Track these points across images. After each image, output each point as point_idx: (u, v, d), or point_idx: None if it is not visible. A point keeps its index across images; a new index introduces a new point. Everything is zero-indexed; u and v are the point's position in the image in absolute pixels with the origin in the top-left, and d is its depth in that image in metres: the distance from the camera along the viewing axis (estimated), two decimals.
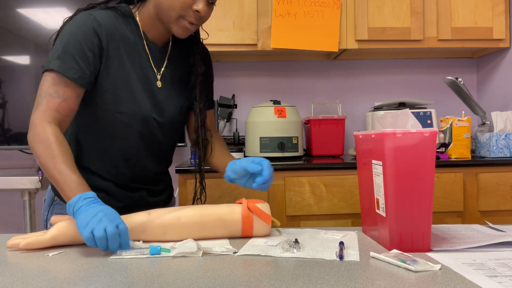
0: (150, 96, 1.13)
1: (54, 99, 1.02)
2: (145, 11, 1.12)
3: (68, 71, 1.02)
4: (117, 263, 0.80)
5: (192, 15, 1.05)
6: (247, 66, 2.46)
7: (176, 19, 1.06)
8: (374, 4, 2.11)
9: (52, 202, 1.20)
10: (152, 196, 1.23)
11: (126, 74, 1.09)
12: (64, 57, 1.02)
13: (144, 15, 1.12)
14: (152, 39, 1.14)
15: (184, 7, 1.04)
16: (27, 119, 1.02)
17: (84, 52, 1.03)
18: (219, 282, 0.68)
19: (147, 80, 1.13)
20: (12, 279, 0.71)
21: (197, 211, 0.97)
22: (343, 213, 1.81)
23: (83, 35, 1.04)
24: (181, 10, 1.04)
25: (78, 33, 1.04)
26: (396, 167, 0.83)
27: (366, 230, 1.01)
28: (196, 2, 1.04)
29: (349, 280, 0.69)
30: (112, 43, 1.07)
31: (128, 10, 1.12)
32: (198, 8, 1.04)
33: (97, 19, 1.06)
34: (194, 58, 1.20)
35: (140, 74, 1.11)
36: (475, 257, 0.80)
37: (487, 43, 2.17)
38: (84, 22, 1.05)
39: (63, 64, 1.02)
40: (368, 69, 2.50)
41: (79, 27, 1.04)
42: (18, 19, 2.09)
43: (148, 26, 1.12)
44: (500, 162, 1.84)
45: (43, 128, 0.99)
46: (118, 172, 1.16)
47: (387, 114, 0.95)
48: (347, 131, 2.39)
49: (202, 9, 1.05)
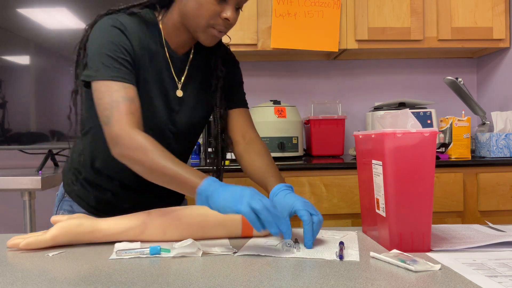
0: (167, 106, 1.10)
1: (123, 103, 0.97)
2: (169, 19, 1.09)
3: (119, 76, 0.99)
4: (117, 263, 0.80)
5: (221, 23, 1.03)
6: (247, 66, 2.46)
7: (205, 27, 1.03)
8: (374, 4, 2.12)
9: (63, 198, 1.20)
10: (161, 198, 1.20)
11: (146, 83, 1.06)
12: (107, 62, 0.99)
13: (168, 23, 1.09)
14: (174, 47, 1.11)
15: (212, 15, 1.01)
16: (27, 119, 1.01)
17: (122, 51, 1.01)
18: (219, 282, 0.68)
19: (166, 90, 1.10)
20: (12, 279, 0.71)
21: (197, 211, 0.96)
22: (343, 213, 1.81)
23: (115, 36, 1.01)
24: (210, 19, 1.01)
25: (108, 35, 1.01)
26: (396, 167, 0.83)
27: (366, 230, 1.01)
28: (225, 10, 1.01)
29: (349, 280, 0.69)
30: (137, 48, 1.05)
31: (152, 17, 1.09)
32: (227, 15, 1.01)
33: (124, 24, 1.03)
34: (215, 62, 1.17)
35: (159, 83, 1.09)
36: (475, 257, 0.80)
37: (487, 43, 2.17)
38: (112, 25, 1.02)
39: (110, 69, 0.99)
40: (368, 69, 2.50)
41: (108, 29, 1.01)
42: (18, 19, 2.09)
43: (171, 34, 1.10)
44: (500, 162, 1.84)
45: (130, 136, 0.94)
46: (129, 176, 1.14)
47: (387, 114, 0.95)
48: (347, 131, 2.39)
49: (231, 16, 1.02)
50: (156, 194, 1.20)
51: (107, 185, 1.16)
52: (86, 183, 1.16)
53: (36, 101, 2.10)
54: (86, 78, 1.01)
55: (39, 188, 1.82)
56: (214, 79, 1.16)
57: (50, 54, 2.11)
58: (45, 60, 2.12)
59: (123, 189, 1.16)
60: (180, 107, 1.13)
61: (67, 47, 2.11)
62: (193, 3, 1.01)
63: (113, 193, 1.16)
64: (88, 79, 1.00)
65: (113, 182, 1.16)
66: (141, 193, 1.18)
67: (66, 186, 1.20)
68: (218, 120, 1.17)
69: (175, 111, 1.12)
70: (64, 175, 1.22)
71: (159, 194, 1.21)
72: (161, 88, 1.10)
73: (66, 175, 1.21)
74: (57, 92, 2.09)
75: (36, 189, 1.83)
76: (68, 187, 1.19)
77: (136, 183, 1.17)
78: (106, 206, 1.15)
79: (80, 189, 1.17)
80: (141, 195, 1.18)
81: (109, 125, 0.96)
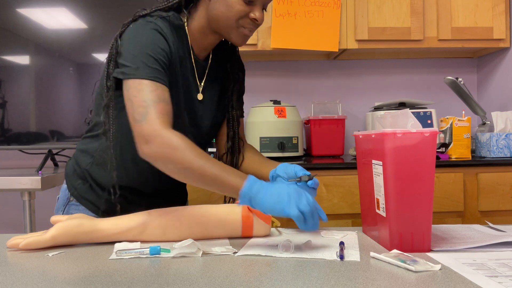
0: (190, 109, 1.12)
1: (159, 104, 0.96)
2: (196, 23, 1.10)
3: (157, 77, 0.98)
4: (117, 263, 0.80)
5: (250, 23, 1.05)
6: (247, 66, 2.44)
7: (236, 28, 1.05)
8: (374, 4, 2.12)
9: (68, 202, 1.17)
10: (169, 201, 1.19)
11: (177, 87, 1.07)
12: (149, 62, 0.98)
13: (194, 27, 1.10)
14: (197, 52, 1.13)
15: (242, 16, 1.03)
16: (27, 119, 1.01)
17: (162, 54, 1.00)
18: (219, 282, 0.68)
19: (190, 94, 1.12)
20: (12, 279, 0.71)
21: (197, 211, 0.97)
22: (343, 213, 1.81)
23: (157, 39, 1.01)
24: (239, 20, 1.04)
25: (151, 36, 1.01)
26: (396, 167, 0.83)
27: (366, 230, 1.01)
28: (253, 10, 1.04)
29: (349, 280, 0.69)
30: (172, 56, 1.05)
31: (180, 22, 1.09)
32: (256, 16, 1.04)
33: (162, 28, 1.03)
34: (232, 66, 1.20)
35: (185, 88, 1.10)
36: (475, 257, 0.80)
37: (487, 43, 2.17)
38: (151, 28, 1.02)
39: (151, 69, 0.98)
40: (368, 69, 2.50)
41: (149, 31, 1.01)
42: (18, 19, 2.09)
43: (196, 39, 1.11)
44: (500, 162, 1.84)
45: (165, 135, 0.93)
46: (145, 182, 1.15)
47: (387, 114, 0.95)
48: (347, 131, 2.39)
49: (259, 16, 1.04)
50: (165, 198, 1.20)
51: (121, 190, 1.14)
52: (98, 187, 1.14)
53: (36, 101, 2.10)
54: (121, 76, 0.98)
55: (39, 188, 1.82)
56: (231, 82, 1.20)
57: (50, 54, 2.11)
58: (45, 60, 2.12)
59: (136, 194, 1.16)
60: (201, 110, 1.15)
61: (67, 47, 2.11)
62: (222, 6, 1.03)
63: (125, 198, 1.14)
64: (123, 76, 0.98)
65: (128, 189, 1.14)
66: (152, 197, 1.18)
67: (72, 189, 1.17)
68: (235, 121, 1.21)
69: (199, 114, 1.15)
70: (68, 178, 1.19)
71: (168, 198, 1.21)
72: (187, 94, 1.11)
73: (72, 178, 1.18)
74: (57, 92, 2.09)
75: (36, 189, 1.83)
76: (75, 190, 1.16)
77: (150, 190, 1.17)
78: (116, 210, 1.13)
79: (90, 193, 1.15)
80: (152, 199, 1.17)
81: (141, 123, 0.94)
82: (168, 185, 1.19)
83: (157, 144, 0.92)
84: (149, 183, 1.16)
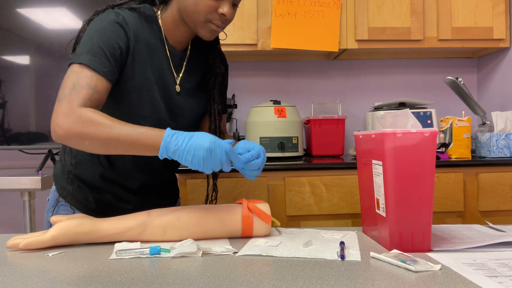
0: (167, 101, 1.12)
1: (86, 90, 0.97)
2: (169, 15, 1.11)
3: (99, 66, 0.99)
4: (117, 263, 0.80)
5: (218, 18, 1.06)
6: (247, 66, 2.46)
7: (203, 23, 1.05)
8: (374, 4, 2.11)
9: (57, 203, 1.19)
10: (159, 198, 1.22)
11: (147, 78, 1.08)
12: (94, 51, 0.99)
13: (167, 19, 1.11)
14: (173, 43, 1.13)
15: (209, 11, 1.04)
16: (27, 119, 1.01)
17: (114, 47, 1.01)
18: (219, 282, 0.68)
19: (166, 85, 1.12)
20: (12, 279, 0.71)
21: (197, 211, 0.96)
22: (343, 213, 1.81)
23: (113, 32, 1.02)
24: (207, 14, 1.04)
25: (107, 28, 1.02)
26: (396, 167, 0.83)
27: (366, 230, 1.01)
28: (221, 6, 1.04)
29: (349, 280, 0.69)
30: (137, 45, 1.06)
31: (152, 13, 1.10)
32: (224, 11, 1.04)
33: (125, 19, 1.04)
34: (213, 59, 1.19)
35: (159, 79, 1.10)
36: (475, 257, 0.80)
37: (487, 43, 2.17)
38: (113, 19, 1.03)
39: (94, 58, 0.99)
40: (368, 69, 2.50)
41: (109, 22, 1.03)
42: (18, 19, 2.09)
43: (170, 30, 1.11)
44: (500, 162, 1.84)
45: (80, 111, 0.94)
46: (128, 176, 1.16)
47: (387, 114, 0.95)
48: (347, 131, 2.39)
49: (227, 12, 1.05)
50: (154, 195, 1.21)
51: (108, 187, 1.15)
52: (85, 186, 1.16)
53: (36, 101, 2.10)
54: (71, 61, 1.01)
55: (38, 188, 1.82)
56: (212, 75, 1.19)
57: (50, 54, 2.11)
58: (45, 60, 2.12)
59: (125, 191, 1.16)
60: (179, 103, 1.15)
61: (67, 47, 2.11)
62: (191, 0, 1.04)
63: (114, 195, 1.16)
64: (71, 61, 1.01)
65: (113, 185, 1.16)
66: (141, 194, 1.18)
67: (60, 190, 1.18)
68: (216, 115, 1.19)
69: (177, 106, 1.14)
70: (56, 179, 1.20)
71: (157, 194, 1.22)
72: (162, 84, 1.11)
73: (60, 178, 1.19)
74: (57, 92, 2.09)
75: (36, 189, 1.83)
76: (64, 190, 1.18)
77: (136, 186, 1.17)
78: (107, 208, 1.15)
79: (77, 192, 1.16)
80: (142, 196, 1.18)
81: (60, 102, 0.96)
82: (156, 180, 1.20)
83: (69, 122, 0.93)
84: (135, 177, 1.16)
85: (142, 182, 1.18)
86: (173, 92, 1.13)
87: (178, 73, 1.15)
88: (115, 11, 1.05)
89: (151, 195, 1.20)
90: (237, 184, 1.79)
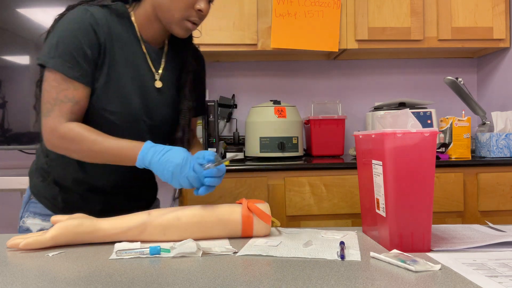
0: (143, 97, 1.11)
1: (65, 104, 1.01)
2: (142, 11, 1.10)
3: (73, 73, 1.01)
4: (117, 263, 0.80)
5: (195, 15, 1.06)
6: (247, 66, 2.46)
7: (179, 20, 1.05)
8: (374, 4, 2.12)
9: (29, 200, 1.19)
10: (131, 200, 1.21)
11: (118, 74, 1.07)
12: (64, 55, 1.00)
13: (141, 15, 1.10)
14: (148, 39, 1.13)
15: (187, 7, 1.04)
16: (27, 119, 1.03)
17: (84, 49, 1.02)
18: (219, 282, 0.68)
19: (142, 82, 1.11)
20: (12, 279, 0.71)
21: (197, 211, 0.96)
22: (343, 213, 1.81)
23: (81, 32, 1.02)
24: (185, 11, 1.04)
25: (75, 29, 1.02)
26: (396, 167, 0.83)
27: (366, 230, 1.01)
28: (198, 2, 1.04)
29: (349, 280, 0.69)
30: (109, 42, 1.06)
31: (124, 9, 1.10)
32: (201, 7, 1.04)
33: (94, 16, 1.04)
34: (186, 56, 1.19)
35: (135, 75, 1.10)
36: (475, 257, 0.80)
37: (487, 43, 2.17)
38: (81, 18, 1.03)
39: (66, 64, 1.00)
40: (368, 69, 2.50)
41: (77, 22, 1.02)
42: (18, 19, 2.09)
43: (144, 27, 1.11)
44: (500, 162, 1.84)
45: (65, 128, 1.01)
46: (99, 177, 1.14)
47: (387, 114, 0.95)
48: (347, 131, 2.39)
49: (204, 7, 1.05)
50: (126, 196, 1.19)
51: (75, 187, 1.15)
52: (55, 185, 1.15)
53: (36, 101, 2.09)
54: (41, 62, 1.03)
55: None
56: (184, 72, 1.18)
57: None
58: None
59: (92, 191, 1.16)
60: (159, 99, 1.14)
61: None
62: None
63: (81, 195, 1.15)
64: (41, 62, 1.03)
65: (82, 186, 1.15)
66: (111, 195, 1.17)
67: (32, 187, 1.19)
68: (187, 112, 1.18)
69: (154, 102, 1.13)
70: (30, 177, 1.21)
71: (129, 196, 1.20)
72: (137, 80, 1.10)
73: (33, 176, 1.19)
74: None
75: None
76: (35, 188, 1.18)
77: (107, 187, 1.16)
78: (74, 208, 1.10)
79: (47, 190, 1.16)
80: (111, 197, 1.17)
81: (46, 118, 1.02)
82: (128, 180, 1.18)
83: (56, 139, 1.02)
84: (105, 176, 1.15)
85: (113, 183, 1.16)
86: (151, 88, 1.13)
87: (157, 69, 1.15)
88: (85, 8, 1.05)
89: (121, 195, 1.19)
90: (237, 184, 1.79)
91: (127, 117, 1.09)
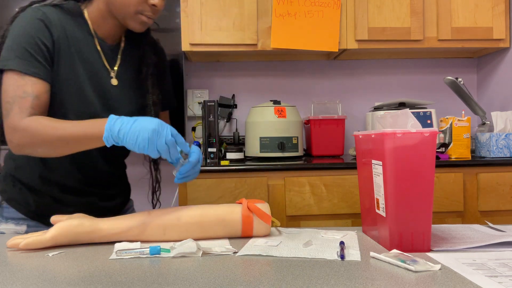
0: (101, 95, 1.11)
1: (24, 99, 0.99)
2: (95, 8, 1.10)
3: (29, 68, 1.00)
4: (117, 263, 0.80)
5: (149, 10, 1.06)
6: (247, 66, 2.46)
7: (133, 14, 1.05)
8: (374, 4, 2.12)
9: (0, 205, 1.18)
10: (104, 200, 1.20)
11: (75, 73, 1.07)
12: (21, 54, 1.00)
13: (94, 12, 1.10)
14: (103, 36, 1.13)
15: (140, 2, 1.04)
16: None
17: (38, 45, 1.02)
18: (219, 282, 0.68)
19: (98, 79, 1.11)
20: (12, 279, 0.71)
21: (197, 211, 0.96)
22: (343, 213, 1.81)
23: (35, 30, 1.02)
24: (138, 5, 1.04)
25: (28, 27, 1.02)
26: (396, 167, 0.83)
27: (366, 230, 1.01)
28: None
29: (349, 280, 0.69)
30: (63, 40, 1.06)
31: (76, 7, 1.10)
32: (154, 2, 1.05)
33: (47, 14, 1.04)
34: (144, 49, 1.19)
35: (91, 73, 1.10)
36: (475, 257, 0.80)
37: (487, 43, 2.17)
38: (34, 17, 1.03)
39: (22, 61, 1.00)
40: (368, 69, 2.50)
41: (29, 21, 1.03)
42: None
43: (98, 24, 1.11)
44: (500, 162, 1.84)
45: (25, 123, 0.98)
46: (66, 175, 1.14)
47: (387, 114, 0.95)
48: (347, 131, 2.39)
49: (158, 2, 1.05)
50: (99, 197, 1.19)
51: (45, 188, 1.14)
52: (26, 189, 1.15)
53: None
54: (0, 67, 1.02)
55: None
56: (144, 66, 1.18)
57: None
58: None
59: (64, 192, 1.15)
60: (116, 96, 1.14)
61: None
62: None
63: (53, 198, 1.15)
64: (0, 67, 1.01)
65: (52, 186, 1.14)
66: (83, 196, 1.17)
67: (2, 193, 1.18)
68: (151, 106, 1.18)
69: (113, 99, 1.13)
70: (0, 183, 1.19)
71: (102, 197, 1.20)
72: (93, 78, 1.10)
73: (2, 182, 1.18)
74: None
75: None
76: (5, 194, 1.17)
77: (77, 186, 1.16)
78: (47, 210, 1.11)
79: (18, 195, 1.15)
80: (83, 198, 1.17)
81: (6, 119, 0.99)
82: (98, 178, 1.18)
83: (18, 137, 0.99)
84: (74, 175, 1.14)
85: (82, 181, 1.16)
86: (108, 86, 1.13)
87: (113, 66, 1.14)
88: (36, 8, 1.05)
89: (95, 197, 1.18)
90: (237, 184, 1.79)
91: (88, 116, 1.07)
